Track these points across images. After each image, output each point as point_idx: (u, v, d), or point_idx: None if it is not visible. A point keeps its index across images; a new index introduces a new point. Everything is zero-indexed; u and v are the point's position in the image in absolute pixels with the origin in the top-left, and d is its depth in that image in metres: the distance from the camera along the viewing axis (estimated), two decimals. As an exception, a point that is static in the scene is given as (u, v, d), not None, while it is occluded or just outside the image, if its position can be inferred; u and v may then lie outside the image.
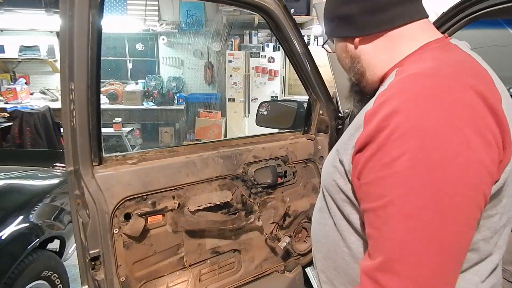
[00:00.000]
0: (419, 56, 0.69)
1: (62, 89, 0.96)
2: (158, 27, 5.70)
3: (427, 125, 0.54)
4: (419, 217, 0.53)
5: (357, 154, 0.63)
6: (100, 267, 1.10)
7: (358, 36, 0.74)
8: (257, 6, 1.28)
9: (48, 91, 5.72)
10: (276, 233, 1.48)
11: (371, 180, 0.59)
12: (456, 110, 0.55)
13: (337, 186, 0.72)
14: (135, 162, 1.14)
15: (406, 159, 0.54)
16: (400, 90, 0.60)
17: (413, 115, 0.55)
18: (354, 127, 0.67)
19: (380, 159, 0.57)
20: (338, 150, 0.72)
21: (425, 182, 0.53)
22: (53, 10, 4.68)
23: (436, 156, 0.53)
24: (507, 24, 2.19)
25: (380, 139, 0.57)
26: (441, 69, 0.61)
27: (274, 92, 5.55)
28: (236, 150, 1.36)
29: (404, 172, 0.54)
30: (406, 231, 0.54)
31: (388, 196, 0.56)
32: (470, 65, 0.64)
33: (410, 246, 0.54)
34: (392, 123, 0.56)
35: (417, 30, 0.71)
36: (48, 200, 2.00)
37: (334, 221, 0.76)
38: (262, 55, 5.44)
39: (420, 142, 0.53)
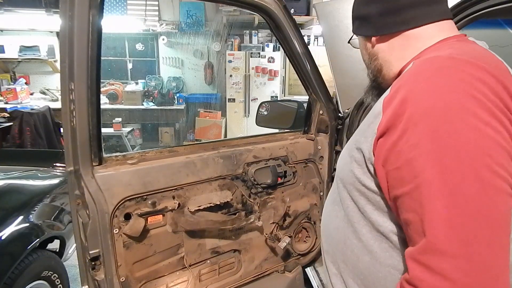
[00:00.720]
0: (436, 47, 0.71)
1: (62, 89, 0.96)
2: (158, 27, 5.70)
3: (441, 105, 0.55)
4: (460, 192, 0.52)
5: (379, 140, 0.63)
6: (100, 267, 1.10)
7: (375, 36, 0.79)
8: (257, 6, 1.28)
9: (48, 91, 5.72)
10: (276, 233, 1.48)
11: (401, 164, 0.58)
12: (473, 84, 0.55)
13: (353, 176, 0.72)
14: (135, 162, 1.14)
15: (434, 137, 0.54)
16: (415, 73, 0.63)
17: (432, 94, 0.56)
18: (373, 115, 0.68)
19: (406, 141, 0.57)
20: (357, 140, 0.72)
21: (459, 156, 0.53)
22: (53, 10, 4.68)
23: (464, 129, 0.53)
24: (507, 24, 2.19)
25: (403, 122, 0.57)
26: (458, 54, 0.62)
27: (274, 92, 5.55)
28: (236, 150, 1.36)
29: (435, 149, 0.54)
30: (450, 207, 0.52)
31: (421, 176, 0.55)
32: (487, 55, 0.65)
33: (457, 222, 0.51)
34: (411, 104, 0.57)
35: (434, 31, 0.73)
36: (48, 200, 2.00)
37: (346, 213, 0.77)
38: (262, 55, 5.44)
39: (444, 118, 0.54)
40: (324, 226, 0.89)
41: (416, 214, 0.56)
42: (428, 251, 0.53)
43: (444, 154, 0.53)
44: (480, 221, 0.51)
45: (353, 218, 0.75)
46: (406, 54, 0.75)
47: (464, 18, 1.26)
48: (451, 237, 0.52)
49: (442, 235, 0.52)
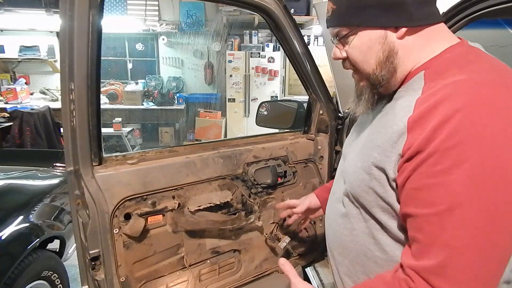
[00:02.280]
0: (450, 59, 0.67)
1: (62, 89, 0.96)
2: (158, 27, 5.70)
3: (486, 134, 0.54)
4: (477, 225, 0.54)
5: (405, 164, 0.62)
6: (100, 267, 1.10)
7: (407, 26, 0.68)
8: (257, 6, 1.28)
9: (48, 91, 5.72)
10: (276, 233, 1.48)
11: (421, 186, 0.59)
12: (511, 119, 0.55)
13: (375, 193, 0.71)
14: (135, 162, 1.14)
15: (466, 168, 0.54)
16: (452, 96, 0.58)
17: (472, 124, 0.55)
18: (395, 133, 0.64)
19: (433, 166, 0.57)
20: (376, 158, 0.69)
21: (484, 192, 0.54)
22: (53, 10, 4.67)
23: (496, 166, 0.53)
24: (507, 24, 2.19)
25: (433, 146, 0.57)
26: (487, 76, 0.61)
27: (274, 92, 5.55)
28: (236, 150, 1.36)
29: (463, 181, 0.54)
30: (464, 237, 0.55)
31: (444, 203, 0.56)
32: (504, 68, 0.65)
33: (466, 253, 0.55)
34: (447, 131, 0.55)
35: (447, 31, 0.71)
36: (48, 200, 2.00)
37: (367, 225, 0.75)
38: (262, 55, 5.44)
39: (480, 152, 0.54)
40: (335, 239, 0.86)
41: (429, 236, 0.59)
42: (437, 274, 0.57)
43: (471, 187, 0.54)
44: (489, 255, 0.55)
45: (375, 231, 0.74)
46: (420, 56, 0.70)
47: (464, 18, 1.26)
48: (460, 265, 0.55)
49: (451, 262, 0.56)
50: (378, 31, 0.70)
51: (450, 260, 0.56)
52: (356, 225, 0.78)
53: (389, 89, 0.75)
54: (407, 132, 0.62)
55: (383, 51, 0.70)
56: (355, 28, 0.72)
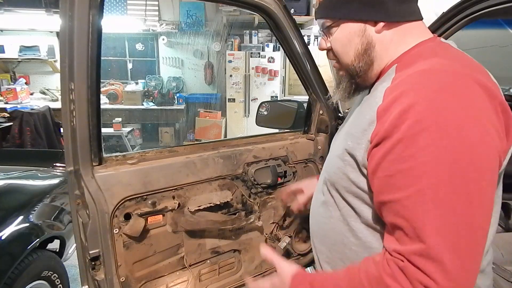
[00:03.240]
0: (418, 52, 0.71)
1: (62, 89, 0.96)
2: (158, 27, 5.70)
3: (450, 118, 0.57)
4: (451, 204, 0.57)
5: (373, 149, 0.65)
6: (100, 267, 1.10)
7: (384, 21, 0.72)
8: (257, 6, 1.28)
9: (48, 91, 5.73)
10: (276, 233, 1.48)
11: (394, 172, 0.61)
12: (472, 103, 0.59)
13: (348, 179, 0.74)
14: (135, 162, 1.14)
15: (433, 150, 0.57)
16: (414, 85, 0.63)
17: (434, 109, 0.58)
18: (366, 122, 0.69)
19: (402, 151, 0.59)
20: (348, 145, 0.73)
21: (453, 171, 0.56)
22: (53, 10, 4.68)
23: (461, 145, 0.56)
24: (507, 24, 2.19)
25: (400, 133, 0.59)
26: (449, 65, 0.64)
27: (274, 92, 5.55)
28: (236, 150, 1.36)
29: (432, 162, 0.57)
30: (440, 217, 0.57)
31: (415, 186, 0.58)
32: (470, 60, 0.69)
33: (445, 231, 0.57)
34: (412, 117, 0.58)
35: (423, 28, 0.75)
36: (48, 200, 2.00)
37: (342, 213, 0.78)
38: (262, 55, 5.44)
39: (444, 134, 0.57)
40: (316, 227, 0.89)
41: (408, 220, 0.60)
42: (423, 255, 0.58)
43: (439, 167, 0.57)
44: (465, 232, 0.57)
45: (349, 218, 0.77)
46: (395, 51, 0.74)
47: (464, 18, 1.26)
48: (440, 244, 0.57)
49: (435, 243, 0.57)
50: (358, 24, 0.74)
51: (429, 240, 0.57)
52: (334, 213, 0.81)
53: (367, 80, 0.79)
54: (376, 120, 0.65)
55: (362, 44, 0.75)
56: (337, 21, 0.76)
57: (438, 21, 1.32)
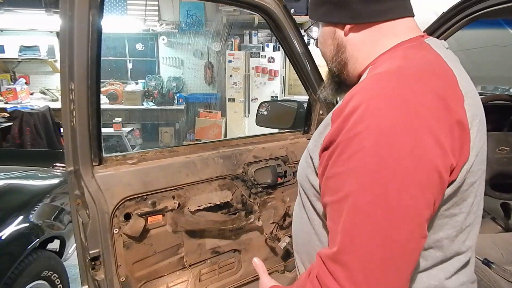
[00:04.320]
0: (391, 55, 0.69)
1: (62, 89, 0.96)
2: (158, 27, 5.70)
3: (383, 124, 0.55)
4: (367, 212, 0.55)
5: (323, 152, 0.65)
6: (100, 267, 1.10)
7: (350, 23, 0.72)
8: (257, 6, 1.28)
9: (48, 91, 5.73)
10: (276, 233, 1.48)
11: (330, 175, 0.61)
12: (413, 111, 0.55)
13: (308, 181, 0.74)
14: (135, 162, 1.14)
15: (360, 156, 0.55)
16: (363, 89, 0.61)
17: (370, 114, 0.56)
18: (324, 124, 0.69)
19: (339, 155, 0.59)
20: (309, 147, 0.74)
21: (376, 179, 0.54)
22: (53, 10, 4.68)
23: (388, 154, 0.54)
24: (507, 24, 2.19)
25: (340, 136, 0.59)
26: (406, 69, 0.62)
27: (274, 92, 5.55)
28: (236, 150, 1.36)
29: (357, 168, 0.56)
30: (355, 225, 0.56)
31: (342, 191, 0.58)
32: (436, 66, 0.64)
33: (358, 239, 0.55)
34: (351, 121, 0.57)
35: (403, 27, 0.71)
36: (48, 200, 2.00)
37: (308, 215, 0.78)
38: (262, 55, 5.45)
39: (375, 140, 0.55)
40: (293, 227, 0.90)
41: (334, 223, 0.60)
42: (333, 260, 0.58)
43: (363, 174, 0.55)
44: (377, 241, 0.54)
45: (313, 221, 0.76)
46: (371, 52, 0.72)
47: (464, 18, 1.26)
48: (351, 252, 0.56)
49: (345, 248, 0.56)
50: (329, 27, 0.76)
51: (344, 246, 0.56)
52: (303, 214, 0.81)
53: (347, 80, 0.79)
54: (331, 123, 0.64)
55: (334, 46, 0.76)
56: (315, 22, 0.80)
57: (438, 21, 1.33)
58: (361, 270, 0.55)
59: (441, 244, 0.65)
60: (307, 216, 0.79)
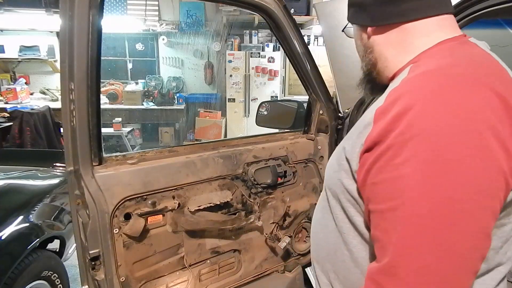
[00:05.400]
0: (434, 52, 0.66)
1: (62, 89, 0.96)
2: (158, 27, 5.70)
3: (442, 127, 0.51)
4: (427, 222, 0.51)
5: (365, 153, 0.60)
6: (100, 267, 1.10)
7: (370, 26, 0.73)
8: (257, 6, 1.28)
9: (48, 91, 5.73)
10: (276, 233, 1.48)
11: (379, 181, 0.57)
12: (474, 111, 0.51)
13: (342, 185, 0.69)
14: (135, 162, 1.14)
15: (418, 162, 0.51)
16: (412, 88, 0.58)
17: (427, 116, 0.52)
18: (363, 124, 0.64)
19: (389, 160, 0.54)
20: (345, 148, 0.69)
21: (437, 186, 0.50)
22: (53, 10, 4.68)
23: (450, 159, 0.50)
24: (507, 24, 2.19)
25: (390, 139, 0.54)
26: (458, 66, 0.58)
27: (274, 92, 5.55)
28: (236, 150, 1.36)
29: (415, 175, 0.52)
30: (413, 235, 0.52)
31: (397, 199, 0.53)
32: (489, 64, 0.61)
33: (416, 251, 0.51)
34: (404, 123, 0.53)
35: (433, 26, 0.68)
36: (48, 200, 2.00)
37: (336, 223, 0.74)
38: (262, 55, 5.44)
39: (434, 144, 0.51)
40: (314, 234, 0.86)
41: (385, 234, 0.56)
42: (386, 273, 0.54)
43: (422, 181, 0.51)
44: (438, 253, 0.51)
45: (342, 229, 0.72)
46: (403, 51, 0.70)
47: (464, 18, 1.26)
48: (408, 265, 0.52)
49: (400, 261, 0.53)
50: (357, 28, 0.78)
51: (399, 259, 0.53)
52: (330, 222, 0.77)
53: (378, 79, 0.79)
54: (373, 123, 0.60)
55: (363, 46, 0.78)
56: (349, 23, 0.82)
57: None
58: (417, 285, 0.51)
59: (487, 256, 0.58)
60: (334, 224, 0.75)
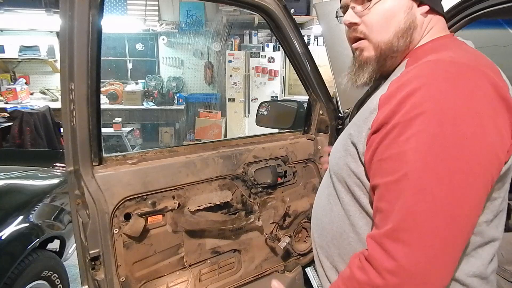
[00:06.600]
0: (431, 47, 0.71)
1: (62, 89, 0.96)
2: (158, 27, 5.70)
3: (447, 106, 0.56)
4: (432, 190, 0.56)
5: (372, 135, 0.65)
6: (100, 267, 1.10)
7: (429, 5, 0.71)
8: (257, 6, 1.28)
9: (48, 91, 5.73)
10: (276, 233, 1.48)
11: (386, 157, 0.61)
12: (474, 96, 0.58)
13: (349, 169, 0.73)
14: (135, 162, 1.14)
15: (425, 136, 0.56)
16: (418, 74, 0.62)
17: (433, 96, 0.57)
18: (368, 110, 0.68)
19: (395, 137, 0.59)
20: (351, 134, 0.72)
21: (442, 159, 0.56)
22: (53, 10, 4.68)
23: (454, 135, 0.56)
24: (507, 24, 2.19)
25: (396, 119, 0.59)
26: (459, 57, 0.63)
27: (274, 92, 5.55)
28: (236, 150, 1.36)
29: (422, 147, 0.56)
30: (418, 202, 0.56)
31: (402, 170, 0.58)
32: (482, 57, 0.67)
33: (421, 217, 0.56)
34: (410, 103, 0.58)
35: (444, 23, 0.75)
36: (48, 200, 2.00)
37: (343, 206, 0.77)
38: (262, 55, 5.44)
39: (440, 121, 0.56)
40: (316, 220, 0.89)
41: (389, 204, 0.60)
42: (390, 237, 0.58)
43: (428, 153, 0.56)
44: (441, 219, 0.56)
45: (349, 212, 0.76)
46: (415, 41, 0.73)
47: (464, 18, 1.26)
48: (412, 229, 0.57)
49: (405, 226, 0.57)
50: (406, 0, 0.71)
51: (404, 224, 0.57)
52: (334, 207, 0.80)
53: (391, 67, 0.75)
54: (378, 108, 0.65)
55: (405, 21, 0.70)
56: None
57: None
58: (421, 247, 0.56)
59: (481, 229, 0.66)
60: (340, 208, 0.78)
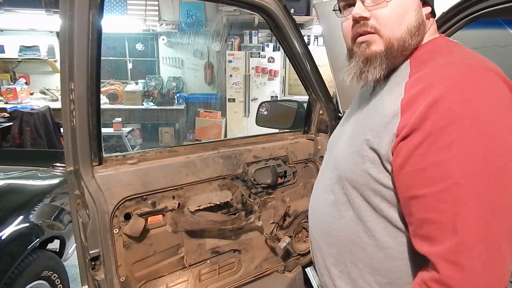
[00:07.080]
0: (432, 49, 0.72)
1: (62, 89, 0.96)
2: (158, 27, 5.70)
3: (480, 110, 0.57)
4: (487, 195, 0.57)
5: (400, 143, 0.64)
6: (100, 267, 1.10)
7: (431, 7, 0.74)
8: (257, 6, 1.28)
9: (48, 91, 5.72)
10: (276, 233, 1.48)
11: (426, 165, 0.60)
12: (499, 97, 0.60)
13: (368, 175, 0.72)
14: (135, 162, 1.14)
15: (465, 142, 0.57)
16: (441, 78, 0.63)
17: (464, 101, 0.58)
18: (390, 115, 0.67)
19: (432, 145, 0.59)
20: (368, 139, 0.71)
21: (486, 162, 0.56)
22: (53, 10, 4.67)
23: (492, 137, 0.57)
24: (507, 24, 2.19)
25: (428, 126, 0.59)
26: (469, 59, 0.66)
27: (274, 92, 5.55)
28: (236, 150, 1.36)
29: (463, 156, 0.57)
30: (476, 209, 0.57)
31: (451, 179, 0.58)
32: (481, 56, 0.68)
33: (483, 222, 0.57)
34: (439, 110, 0.59)
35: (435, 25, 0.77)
36: (48, 200, 1.99)
37: (357, 213, 0.76)
38: (262, 55, 5.44)
39: (476, 126, 0.57)
40: (323, 229, 0.86)
41: (443, 214, 0.59)
42: (461, 251, 0.58)
43: (474, 159, 0.57)
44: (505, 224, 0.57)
45: (365, 217, 0.75)
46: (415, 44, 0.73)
47: (464, 18, 1.26)
48: (484, 238, 0.57)
49: (474, 236, 0.57)
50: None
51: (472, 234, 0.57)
52: (345, 213, 0.79)
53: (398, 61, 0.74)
54: (400, 114, 0.65)
55: (416, 19, 0.72)
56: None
57: (438, 21, 1.32)
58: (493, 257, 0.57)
59: None
60: (353, 214, 0.77)
